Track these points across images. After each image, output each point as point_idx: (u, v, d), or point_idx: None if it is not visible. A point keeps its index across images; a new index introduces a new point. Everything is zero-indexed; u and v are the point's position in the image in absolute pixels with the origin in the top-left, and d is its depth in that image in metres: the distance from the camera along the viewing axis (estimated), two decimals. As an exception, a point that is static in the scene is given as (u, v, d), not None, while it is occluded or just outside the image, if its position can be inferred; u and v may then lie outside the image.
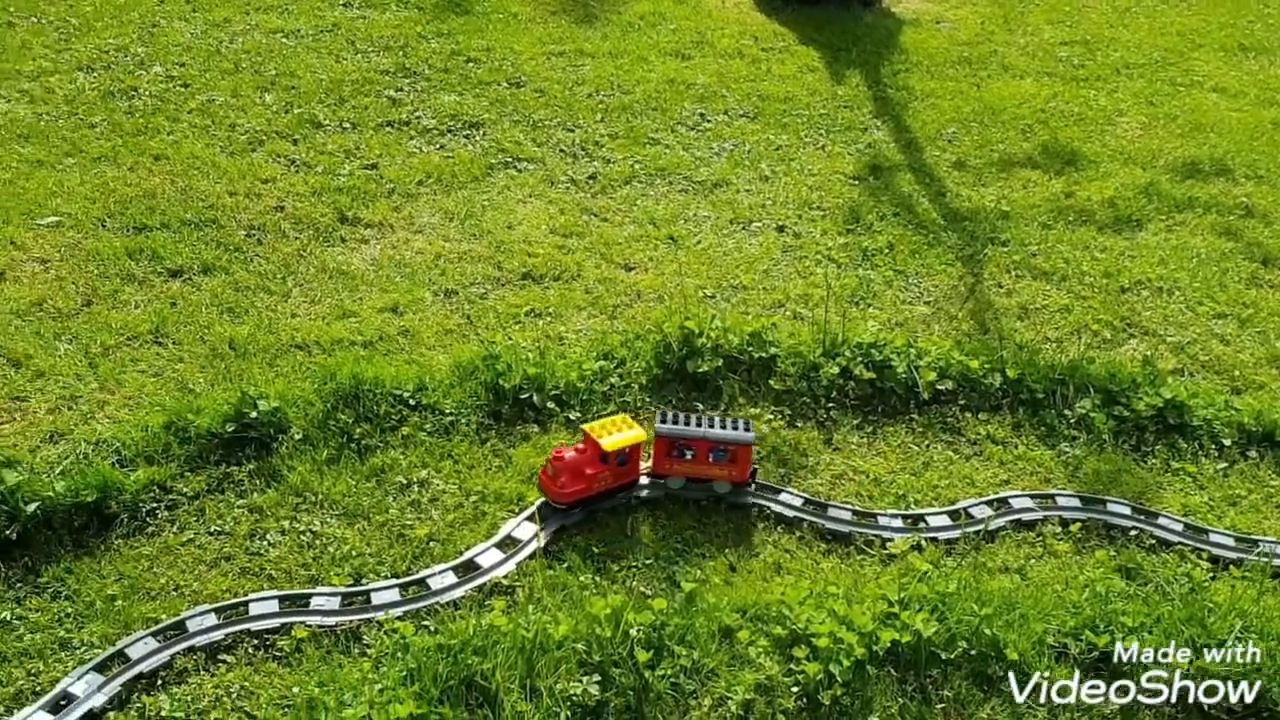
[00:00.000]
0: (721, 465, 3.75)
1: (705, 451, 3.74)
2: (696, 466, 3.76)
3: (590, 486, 3.66)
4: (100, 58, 6.52)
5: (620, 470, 3.72)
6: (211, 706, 3.00)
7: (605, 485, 3.70)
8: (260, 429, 3.81)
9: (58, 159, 5.50)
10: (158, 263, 4.80)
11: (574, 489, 3.63)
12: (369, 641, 3.21)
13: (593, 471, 3.65)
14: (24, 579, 3.31)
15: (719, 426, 3.76)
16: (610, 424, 3.72)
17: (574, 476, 3.63)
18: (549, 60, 6.96)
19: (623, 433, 3.69)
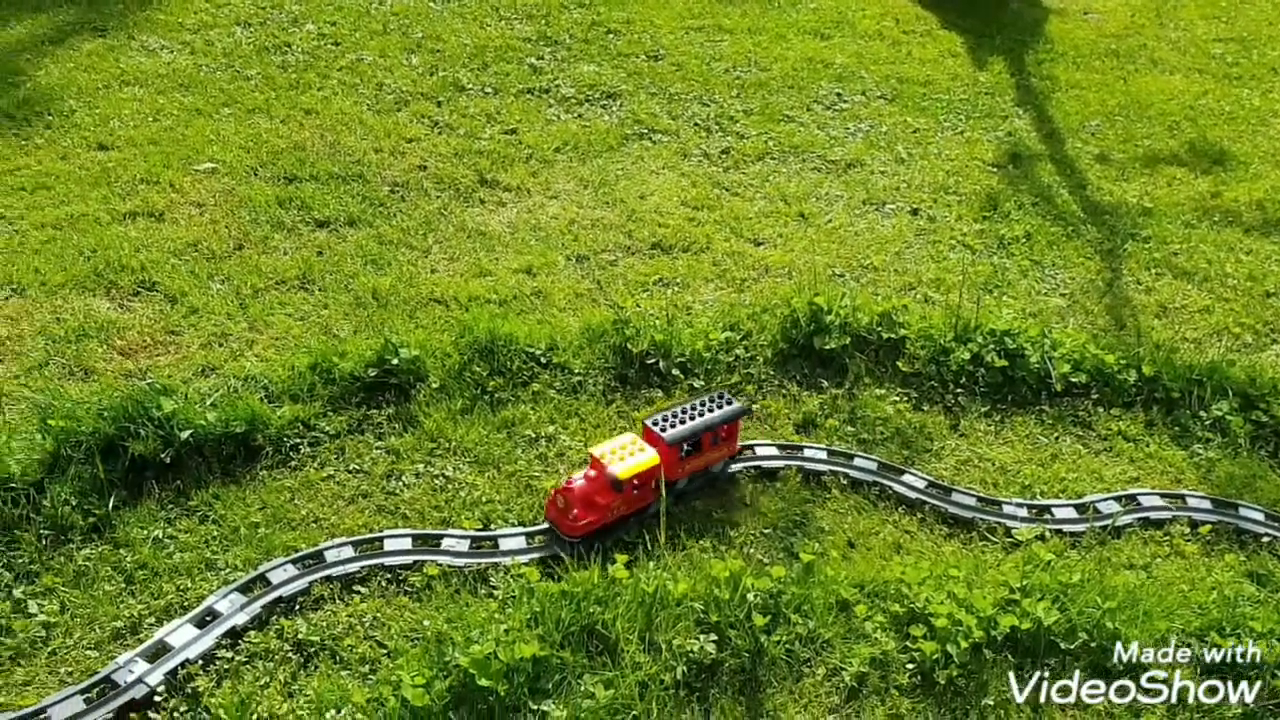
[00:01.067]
0: (718, 447, 3.67)
1: (709, 440, 3.62)
2: (702, 458, 3.64)
3: (603, 517, 3.42)
4: (257, 14, 6.76)
5: (634, 497, 3.49)
6: (345, 633, 3.14)
7: (620, 513, 3.48)
8: (400, 376, 3.95)
9: (215, 109, 5.74)
10: (306, 212, 4.99)
11: (586, 520, 3.40)
12: (495, 584, 3.32)
13: (605, 501, 3.42)
14: (175, 501, 3.50)
15: (702, 409, 3.62)
16: (621, 448, 3.47)
17: (586, 508, 3.41)
18: (688, 35, 6.99)
19: (635, 457, 3.44)
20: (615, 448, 3.47)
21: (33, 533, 3.30)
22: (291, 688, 3.00)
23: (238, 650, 3.07)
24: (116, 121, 5.55)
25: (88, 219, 4.81)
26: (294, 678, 3.03)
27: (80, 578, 3.23)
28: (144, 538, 3.35)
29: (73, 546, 3.31)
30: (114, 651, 3.05)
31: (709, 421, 3.59)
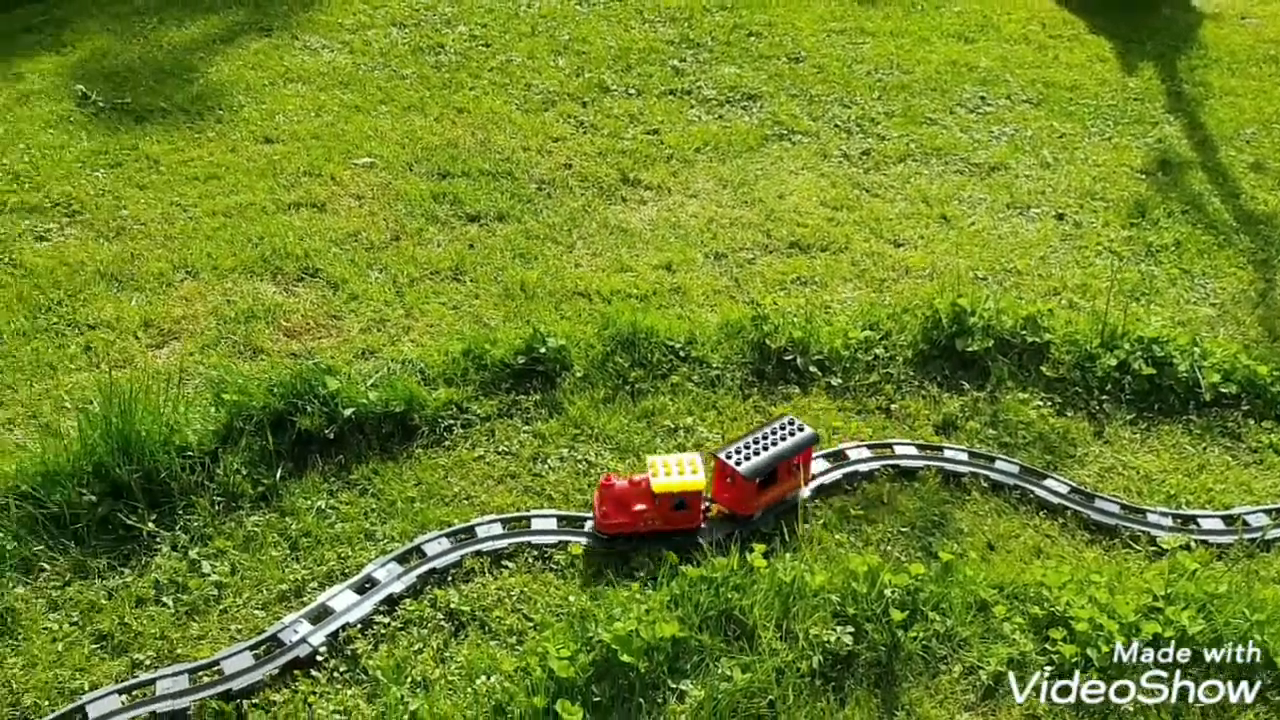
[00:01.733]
0: (793, 476, 3.58)
1: (786, 470, 3.55)
2: (778, 489, 3.57)
3: (634, 523, 3.42)
4: (412, 15, 7.03)
5: (674, 514, 3.45)
6: (494, 605, 3.29)
7: (653, 526, 3.44)
8: (547, 364, 4.09)
9: (373, 106, 6.00)
10: (458, 207, 5.19)
11: (615, 521, 3.42)
12: (636, 565, 3.43)
13: (640, 508, 3.41)
14: (338, 474, 3.71)
15: (778, 439, 3.54)
16: (675, 463, 3.45)
17: (617, 509, 3.43)
18: (829, 37, 7.01)
19: (682, 475, 3.41)
20: (670, 462, 3.45)
21: (207, 499, 3.53)
22: (443, 654, 3.15)
23: (394, 617, 3.24)
24: (281, 116, 5.85)
25: (255, 208, 5.10)
26: (446, 645, 3.18)
27: (249, 542, 3.45)
28: (308, 507, 3.55)
29: (243, 513, 3.53)
30: (279, 612, 3.25)
31: (782, 450, 3.51)
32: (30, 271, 4.62)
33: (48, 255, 4.72)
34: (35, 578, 3.29)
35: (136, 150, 5.50)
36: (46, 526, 3.37)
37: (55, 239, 4.85)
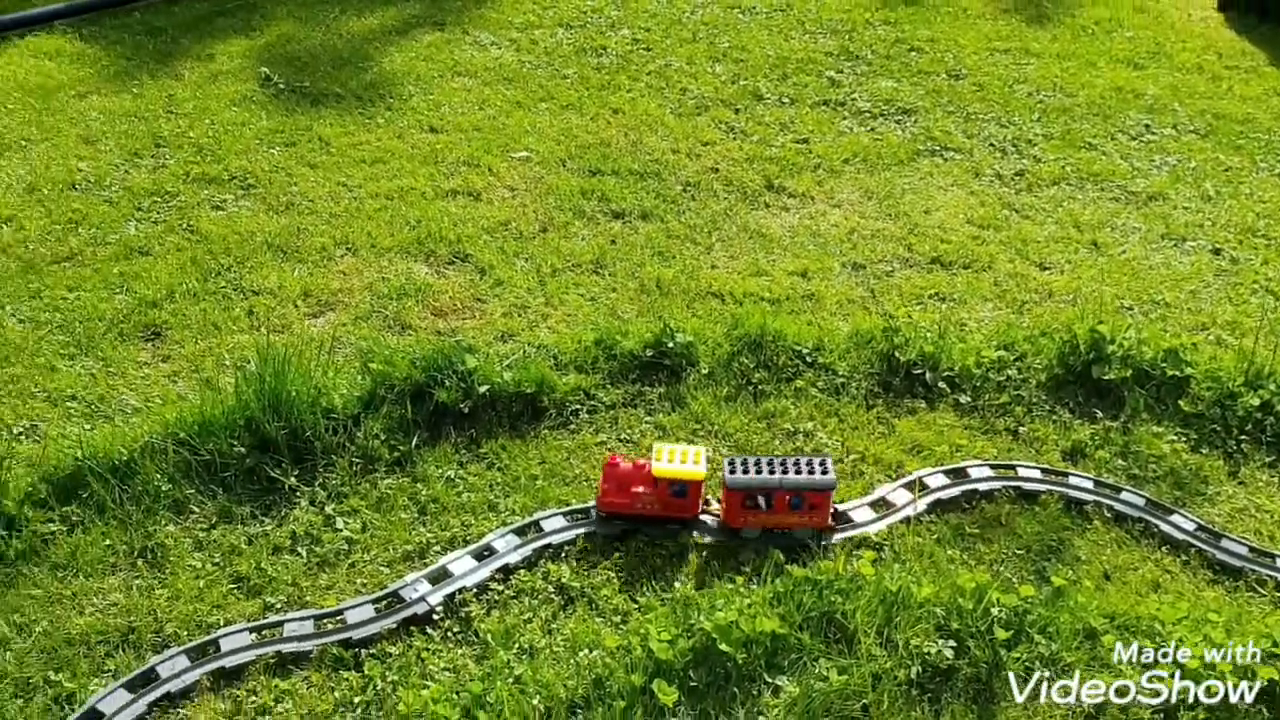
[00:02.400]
0: (801, 513, 3.50)
1: (783, 501, 3.48)
2: (773, 517, 3.51)
3: (631, 505, 3.49)
4: (579, 17, 7.25)
5: (673, 501, 3.50)
6: (603, 585, 3.40)
7: (650, 510, 3.49)
8: (674, 359, 4.19)
9: (534, 102, 6.22)
10: (605, 204, 5.34)
11: (611, 500, 3.49)
12: (743, 560, 3.49)
13: (639, 490, 3.48)
14: (468, 447, 3.89)
15: (794, 468, 3.49)
16: (680, 453, 3.51)
17: (617, 489, 3.49)
18: (992, 56, 6.93)
19: (683, 464, 3.47)
20: (676, 450, 3.53)
21: (346, 460, 3.75)
22: (550, 625, 3.28)
23: (508, 585, 3.39)
24: (447, 108, 6.12)
25: (415, 192, 5.36)
26: (554, 617, 3.31)
27: (381, 503, 3.65)
28: (439, 475, 3.74)
29: (378, 475, 3.74)
30: (402, 571, 3.44)
31: (784, 482, 3.46)
32: (205, 238, 4.97)
33: (222, 224, 5.07)
34: (185, 519, 3.55)
35: (310, 131, 5.84)
36: (199, 473, 3.64)
37: (230, 209, 5.20)
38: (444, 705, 2.96)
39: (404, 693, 3.02)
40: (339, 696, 3.06)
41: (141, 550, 3.43)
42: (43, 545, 3.41)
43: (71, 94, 6.13)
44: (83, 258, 4.82)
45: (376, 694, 3.05)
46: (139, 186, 5.32)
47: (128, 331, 4.38)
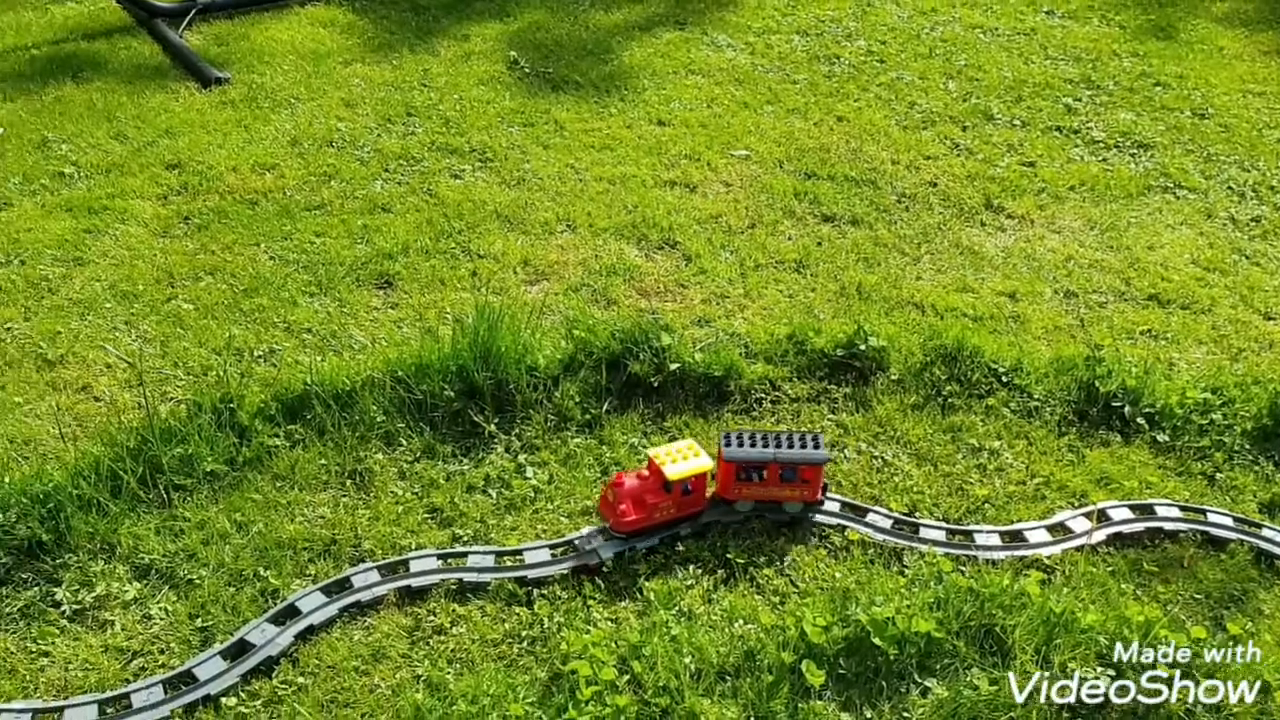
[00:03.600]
0: (793, 486, 3.61)
1: (776, 473, 3.59)
2: (766, 489, 3.62)
3: (651, 516, 3.53)
4: (816, 25, 7.35)
5: (685, 500, 3.58)
6: (766, 565, 3.51)
7: (668, 515, 3.56)
8: (864, 361, 4.25)
9: (760, 104, 6.37)
10: (816, 206, 5.43)
11: (634, 517, 3.51)
12: (908, 564, 3.53)
13: (654, 500, 3.53)
14: (653, 419, 4.06)
15: (788, 444, 3.59)
16: (677, 451, 3.57)
17: (635, 505, 3.51)
18: (1244, 98, 6.61)
19: (689, 461, 3.54)
20: (672, 451, 3.57)
21: (542, 415, 3.99)
22: (711, 595, 3.41)
23: (675, 552, 3.54)
24: (676, 103, 6.34)
25: (636, 180, 5.59)
26: (715, 588, 3.44)
27: (568, 459, 3.87)
28: (623, 441, 3.94)
29: (568, 434, 3.97)
30: (580, 524, 3.64)
31: (780, 456, 3.56)
32: (441, 202, 5.34)
33: (458, 191, 5.44)
34: (393, 450, 3.87)
35: (548, 114, 6.17)
36: (410, 410, 3.96)
37: (467, 179, 5.57)
38: (602, 650, 3.14)
39: (568, 633, 3.22)
40: (508, 628, 3.28)
41: (351, 472, 3.77)
42: (267, 456, 3.78)
43: (339, 61, 6.68)
44: (331, 208, 5.27)
45: (543, 631, 3.26)
46: (388, 150, 5.77)
47: (363, 278, 4.78)
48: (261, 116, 6.03)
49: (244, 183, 5.42)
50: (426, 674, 3.12)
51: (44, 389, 4.08)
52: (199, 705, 3.02)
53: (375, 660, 3.18)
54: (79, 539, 3.43)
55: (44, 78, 6.31)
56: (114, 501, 3.52)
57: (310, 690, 3.08)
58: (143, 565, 3.41)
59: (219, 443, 3.75)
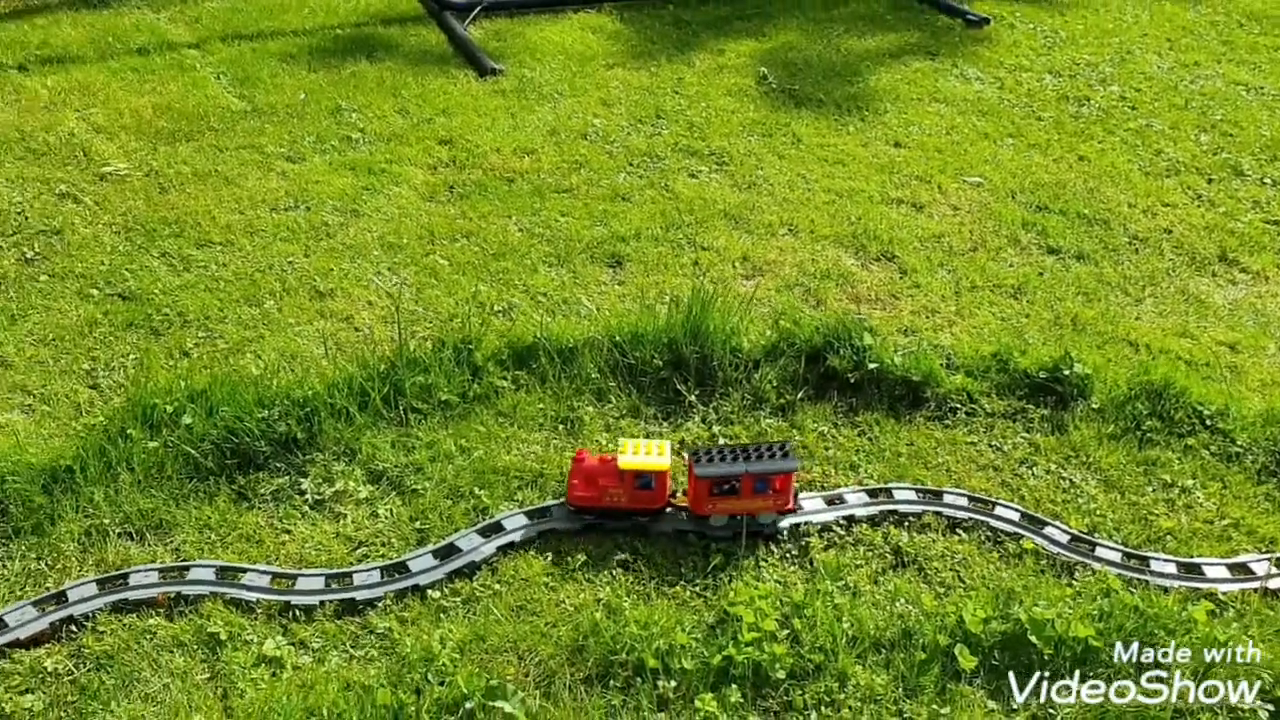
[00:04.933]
0: (765, 496, 3.63)
1: (750, 485, 3.60)
2: (740, 502, 3.63)
3: (599, 498, 3.61)
4: (1070, 68, 7.34)
5: (639, 493, 3.63)
6: (936, 558, 3.65)
7: (616, 503, 3.62)
8: (1066, 386, 4.31)
9: (1001, 136, 6.44)
10: (1043, 238, 5.48)
11: (580, 494, 3.62)
12: (1077, 578, 3.60)
13: (606, 484, 3.61)
14: (845, 413, 4.24)
15: (758, 456, 3.62)
16: (643, 447, 3.64)
17: (585, 482, 3.62)
18: None
19: (647, 457, 3.60)
20: (640, 445, 3.66)
21: (740, 394, 4.26)
22: (878, 577, 3.59)
23: (850, 533, 3.74)
24: (915, 128, 6.49)
25: (863, 195, 5.79)
26: (883, 571, 3.62)
27: (759, 437, 4.12)
28: (813, 428, 4.16)
29: (762, 414, 4.22)
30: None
31: (752, 468, 3.59)
32: (676, 197, 5.71)
33: (692, 189, 5.79)
34: (602, 405, 4.23)
35: (787, 127, 6.45)
36: (622, 372, 4.31)
37: (702, 179, 5.91)
38: (767, 604, 3.37)
39: (738, 584, 3.48)
40: (685, 573, 3.56)
41: (564, 419, 4.15)
42: (494, 395, 4.21)
43: (602, 64, 7.18)
44: (577, 193, 5.72)
45: (715, 580, 3.53)
46: (635, 147, 6.19)
47: (597, 255, 5.19)
48: (527, 107, 6.58)
49: (504, 163, 5.96)
50: (606, 599, 3.44)
51: (313, 315, 4.67)
52: (408, 592, 3.44)
53: (564, 579, 3.53)
54: (327, 441, 3.94)
55: (344, 54, 7.09)
56: (360, 414, 4.02)
57: (504, 596, 3.46)
58: (376, 471, 3.88)
59: (455, 377, 4.20)
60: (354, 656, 3.25)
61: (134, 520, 3.61)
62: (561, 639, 3.30)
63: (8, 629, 3.23)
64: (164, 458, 3.78)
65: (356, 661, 3.23)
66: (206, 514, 3.66)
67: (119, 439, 3.80)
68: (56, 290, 4.70)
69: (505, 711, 2.99)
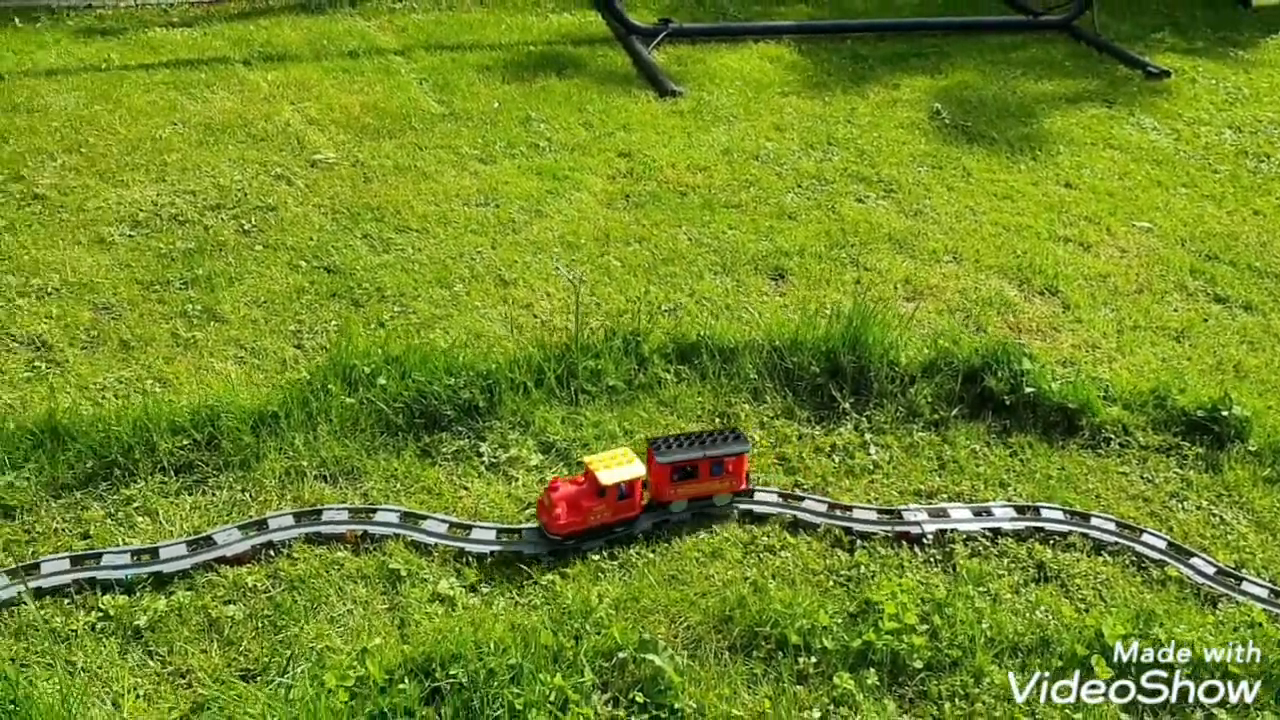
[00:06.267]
0: (721, 479, 3.84)
1: (707, 469, 3.80)
2: (699, 485, 3.83)
3: (585, 520, 3.69)
4: (1252, 124, 7.27)
5: (619, 505, 3.73)
6: (1079, 575, 3.73)
7: (602, 519, 3.72)
8: (1224, 426, 4.32)
9: (1174, 185, 6.43)
10: (1210, 285, 5.47)
11: (568, 521, 3.66)
12: (1220, 609, 3.63)
13: (589, 505, 3.68)
14: (998, 434, 4.34)
15: (712, 441, 3.83)
16: (610, 458, 3.75)
17: (570, 509, 3.67)
18: None
19: (623, 468, 3.72)
20: (606, 458, 3.76)
21: (894, 406, 4.41)
22: (1019, 588, 3.69)
23: (994, 543, 3.85)
24: (1087, 170, 6.53)
25: (1030, 230, 5.87)
26: (1025, 583, 3.71)
27: (910, 448, 4.26)
28: (965, 445, 4.27)
29: (914, 426, 4.36)
30: (908, 502, 4.02)
31: (709, 452, 3.78)
32: (842, 219, 5.89)
33: (859, 213, 5.97)
34: (758, 403, 4.43)
35: (958, 162, 6.57)
36: (779, 375, 4.50)
37: (870, 204, 6.08)
38: (909, 598, 3.51)
39: (881, 579, 3.63)
40: (829, 564, 3.73)
41: (720, 413, 4.37)
42: (657, 385, 4.46)
43: (777, 91, 7.43)
44: (746, 209, 5.96)
45: (859, 573, 3.69)
46: (805, 170, 6.40)
47: (761, 267, 5.41)
48: (703, 127, 6.87)
49: (678, 177, 6.24)
50: (754, 578, 3.64)
51: (497, 300, 5.02)
52: (569, 551, 3.70)
53: (713, 557, 3.74)
54: (505, 411, 4.25)
55: (535, 69, 7.51)
56: (536, 390, 4.32)
57: (657, 565, 3.69)
58: (547, 443, 4.17)
59: (623, 365, 4.47)
60: (519, 603, 3.52)
61: (329, 465, 3.98)
62: (710, 608, 3.50)
63: (216, 546, 3.61)
64: (359, 413, 4.14)
65: (520, 607, 3.50)
66: (394, 465, 4.00)
67: (320, 393, 4.18)
68: (269, 259, 5.17)
69: (655, 664, 3.21)
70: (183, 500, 3.81)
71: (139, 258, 5.11)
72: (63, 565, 3.51)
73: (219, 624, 3.38)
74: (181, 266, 5.05)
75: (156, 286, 4.91)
